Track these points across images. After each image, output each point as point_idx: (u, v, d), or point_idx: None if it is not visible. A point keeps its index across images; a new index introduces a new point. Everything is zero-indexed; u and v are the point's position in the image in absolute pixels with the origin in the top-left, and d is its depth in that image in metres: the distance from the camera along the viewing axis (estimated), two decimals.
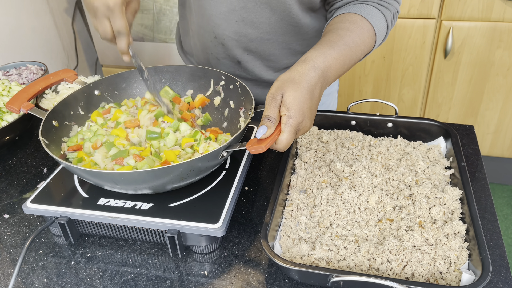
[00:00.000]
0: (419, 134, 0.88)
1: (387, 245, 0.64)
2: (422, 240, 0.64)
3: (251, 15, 0.87)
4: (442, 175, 0.77)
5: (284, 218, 0.71)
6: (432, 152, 0.83)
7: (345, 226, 0.68)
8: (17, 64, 1.26)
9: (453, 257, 0.62)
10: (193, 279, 0.67)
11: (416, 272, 0.61)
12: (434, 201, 0.71)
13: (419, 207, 0.70)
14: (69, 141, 0.80)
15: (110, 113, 0.86)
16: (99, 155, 0.74)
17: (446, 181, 0.77)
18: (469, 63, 1.86)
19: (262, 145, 0.62)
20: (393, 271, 0.61)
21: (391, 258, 0.62)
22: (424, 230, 0.66)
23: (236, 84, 0.86)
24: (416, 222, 0.67)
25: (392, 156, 0.82)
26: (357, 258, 0.63)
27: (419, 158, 0.79)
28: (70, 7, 2.31)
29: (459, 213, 0.69)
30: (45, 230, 0.76)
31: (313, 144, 0.86)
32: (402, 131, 0.88)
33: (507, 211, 2.06)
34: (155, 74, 0.93)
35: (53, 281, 0.67)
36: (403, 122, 0.87)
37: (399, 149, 0.84)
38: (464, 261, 0.62)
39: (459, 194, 0.71)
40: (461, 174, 0.74)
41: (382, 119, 0.88)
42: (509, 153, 2.06)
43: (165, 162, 0.73)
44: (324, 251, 0.63)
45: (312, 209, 0.71)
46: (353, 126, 0.90)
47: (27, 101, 0.78)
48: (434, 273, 0.61)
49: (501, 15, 1.72)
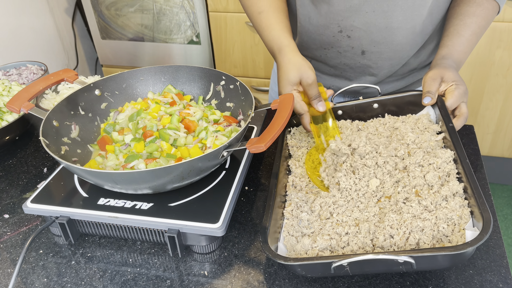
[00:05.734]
0: (407, 108, 0.86)
1: (387, 221, 0.63)
2: (421, 209, 0.63)
3: (383, 4, 0.87)
4: (434, 141, 0.75)
5: (285, 219, 0.71)
6: (421, 122, 0.81)
7: (345, 213, 0.67)
8: (17, 64, 1.26)
9: (456, 218, 0.61)
10: (193, 279, 0.67)
11: (420, 241, 0.60)
12: (428, 167, 0.69)
13: (413, 176, 0.69)
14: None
15: None
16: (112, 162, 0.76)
17: (439, 146, 0.76)
18: (469, 63, 1.86)
19: (262, 144, 0.62)
20: (397, 245, 0.60)
21: (392, 233, 0.61)
22: (421, 198, 0.65)
23: (236, 84, 0.86)
24: (412, 192, 0.66)
25: (382, 134, 0.81)
26: (360, 240, 0.62)
27: (408, 130, 0.78)
28: (70, 7, 2.31)
29: (455, 174, 0.68)
30: (45, 230, 0.76)
31: (303, 142, 0.87)
32: (390, 108, 0.87)
33: (507, 211, 2.06)
34: (155, 74, 0.93)
35: (53, 281, 0.67)
36: (389, 100, 0.86)
37: (388, 126, 0.83)
38: (467, 220, 0.60)
39: (451, 155, 0.70)
40: (451, 136, 0.73)
41: (367, 101, 0.87)
42: (509, 153, 2.06)
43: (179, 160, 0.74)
44: (325, 240, 0.63)
45: (312, 204, 0.71)
46: (341, 115, 0.90)
47: (27, 101, 0.78)
48: (440, 238, 0.60)
49: (501, 15, 1.72)
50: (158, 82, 0.94)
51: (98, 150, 0.82)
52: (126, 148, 0.77)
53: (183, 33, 2.12)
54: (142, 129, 0.79)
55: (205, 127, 0.80)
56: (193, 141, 0.78)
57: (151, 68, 0.93)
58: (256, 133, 0.91)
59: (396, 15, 0.88)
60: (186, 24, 2.09)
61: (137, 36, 2.21)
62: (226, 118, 0.86)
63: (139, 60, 2.30)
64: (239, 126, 0.85)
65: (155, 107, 0.85)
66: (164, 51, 2.21)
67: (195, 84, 0.94)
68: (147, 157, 0.75)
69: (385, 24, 0.90)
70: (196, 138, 0.79)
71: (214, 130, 0.80)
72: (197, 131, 0.80)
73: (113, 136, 0.81)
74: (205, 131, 0.79)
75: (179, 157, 0.75)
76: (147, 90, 0.93)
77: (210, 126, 0.81)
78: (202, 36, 2.11)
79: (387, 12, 0.88)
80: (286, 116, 0.70)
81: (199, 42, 2.13)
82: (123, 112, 0.87)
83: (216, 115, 0.86)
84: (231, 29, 2.06)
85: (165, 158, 0.73)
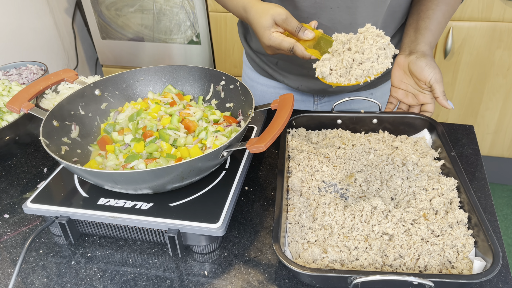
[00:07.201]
0: (403, 128, 0.89)
1: (397, 241, 0.64)
2: (429, 232, 0.66)
3: (347, 0, 0.88)
4: (434, 166, 0.78)
5: (289, 223, 0.71)
6: (419, 145, 0.84)
7: (353, 226, 0.68)
8: (17, 64, 1.26)
9: (460, 246, 0.63)
10: (193, 279, 0.67)
11: (428, 264, 0.62)
12: (432, 192, 0.72)
13: (420, 199, 0.71)
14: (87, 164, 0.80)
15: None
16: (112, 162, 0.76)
17: (438, 172, 0.78)
18: (469, 63, 1.86)
19: (262, 144, 0.62)
20: (407, 265, 0.62)
21: (403, 253, 0.63)
22: (429, 222, 0.67)
23: (236, 84, 0.86)
24: (420, 215, 0.68)
25: (384, 151, 0.83)
26: (370, 257, 0.63)
27: (410, 152, 0.81)
28: (70, 7, 2.31)
29: (458, 202, 0.70)
30: (45, 230, 0.76)
31: (304, 145, 0.87)
32: (386, 126, 0.90)
33: (507, 211, 2.06)
34: (155, 74, 0.93)
35: (53, 281, 0.67)
36: (388, 117, 0.89)
37: (387, 144, 0.86)
38: (470, 248, 0.63)
39: (454, 183, 0.73)
40: (453, 164, 0.75)
41: (367, 116, 0.89)
42: (509, 153, 2.06)
43: (179, 160, 0.74)
44: (336, 253, 0.63)
45: (315, 211, 0.71)
46: (339, 124, 0.92)
47: (27, 101, 0.79)
48: (444, 263, 0.62)
49: (501, 15, 1.72)
50: (158, 82, 0.94)
51: (98, 150, 0.82)
52: (126, 148, 0.78)
53: (183, 33, 2.12)
54: (142, 129, 0.79)
55: (205, 127, 0.80)
56: (193, 141, 0.78)
57: (151, 68, 0.93)
58: (256, 133, 0.91)
59: (359, 11, 0.89)
60: (186, 24, 2.09)
61: (137, 36, 2.21)
62: (226, 118, 0.86)
63: (139, 60, 2.30)
64: (239, 126, 0.85)
65: (155, 107, 0.85)
66: (164, 51, 2.21)
67: (195, 84, 0.94)
68: (147, 157, 0.75)
69: (349, 21, 0.91)
70: (196, 138, 0.79)
71: (214, 130, 0.80)
72: (197, 131, 0.80)
73: (113, 136, 0.81)
74: (205, 131, 0.79)
75: (179, 157, 0.75)
76: (147, 90, 0.94)
77: (210, 126, 0.81)
78: (202, 36, 2.11)
79: (351, 8, 0.89)
80: (286, 116, 0.70)
81: (199, 42, 2.13)
82: (123, 112, 0.88)
83: (216, 115, 0.86)
84: (231, 29, 2.06)
85: (165, 158, 0.73)
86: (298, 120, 0.92)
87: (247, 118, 0.77)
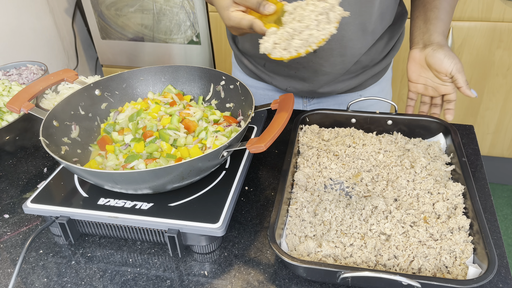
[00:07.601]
0: (418, 131, 0.88)
1: (393, 241, 0.64)
2: (427, 235, 0.65)
3: None
4: (444, 171, 0.78)
5: (289, 216, 0.72)
6: (432, 149, 0.83)
7: (351, 224, 0.68)
8: (17, 64, 1.26)
9: (458, 251, 0.63)
10: (193, 279, 0.67)
11: (423, 267, 0.62)
12: (437, 196, 0.72)
13: (423, 202, 0.71)
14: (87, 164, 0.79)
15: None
16: (111, 162, 0.76)
17: (447, 176, 0.77)
18: (469, 63, 1.86)
19: (262, 144, 0.62)
20: (400, 266, 0.62)
21: (397, 254, 0.63)
22: (429, 225, 0.67)
23: (236, 84, 0.86)
24: (421, 218, 0.68)
25: (394, 153, 0.82)
26: (364, 255, 0.63)
27: (420, 155, 0.80)
28: (70, 7, 2.31)
29: (462, 208, 0.70)
30: (45, 230, 0.76)
31: (314, 142, 0.87)
32: (401, 128, 0.89)
33: (507, 211, 2.06)
34: (155, 74, 0.93)
35: (53, 281, 0.67)
36: (403, 119, 0.88)
37: (399, 146, 0.85)
38: (469, 255, 0.63)
39: (461, 189, 0.72)
40: (463, 170, 0.75)
41: (382, 116, 0.89)
42: (509, 153, 2.06)
43: (179, 160, 0.74)
44: (330, 248, 0.64)
45: (317, 207, 0.72)
46: (353, 124, 0.91)
47: (27, 101, 0.79)
48: (440, 267, 0.62)
49: (501, 15, 1.72)
50: (158, 82, 0.94)
51: (98, 150, 0.82)
52: (126, 148, 0.78)
53: (183, 33, 2.12)
54: (142, 129, 0.79)
55: (205, 127, 0.80)
56: (193, 141, 0.78)
57: (151, 68, 0.93)
58: (256, 133, 0.91)
59: (344, 9, 0.89)
60: (186, 24, 2.09)
61: (137, 36, 2.21)
62: (226, 118, 0.86)
63: (139, 60, 2.30)
64: (239, 126, 0.85)
65: (155, 107, 0.85)
66: (164, 51, 2.21)
67: (195, 84, 0.94)
68: (147, 157, 0.75)
69: None
70: (196, 138, 0.79)
71: (214, 130, 0.80)
72: (197, 131, 0.80)
73: (113, 136, 0.81)
74: (205, 131, 0.79)
75: (179, 157, 0.75)
76: (147, 90, 0.94)
77: (210, 126, 0.81)
78: (202, 36, 2.11)
79: None
80: (286, 116, 0.70)
81: (199, 42, 2.13)
82: (123, 112, 0.87)
83: (216, 115, 0.86)
84: None
85: (165, 158, 0.73)
86: (312, 117, 0.91)
87: (247, 118, 0.77)
